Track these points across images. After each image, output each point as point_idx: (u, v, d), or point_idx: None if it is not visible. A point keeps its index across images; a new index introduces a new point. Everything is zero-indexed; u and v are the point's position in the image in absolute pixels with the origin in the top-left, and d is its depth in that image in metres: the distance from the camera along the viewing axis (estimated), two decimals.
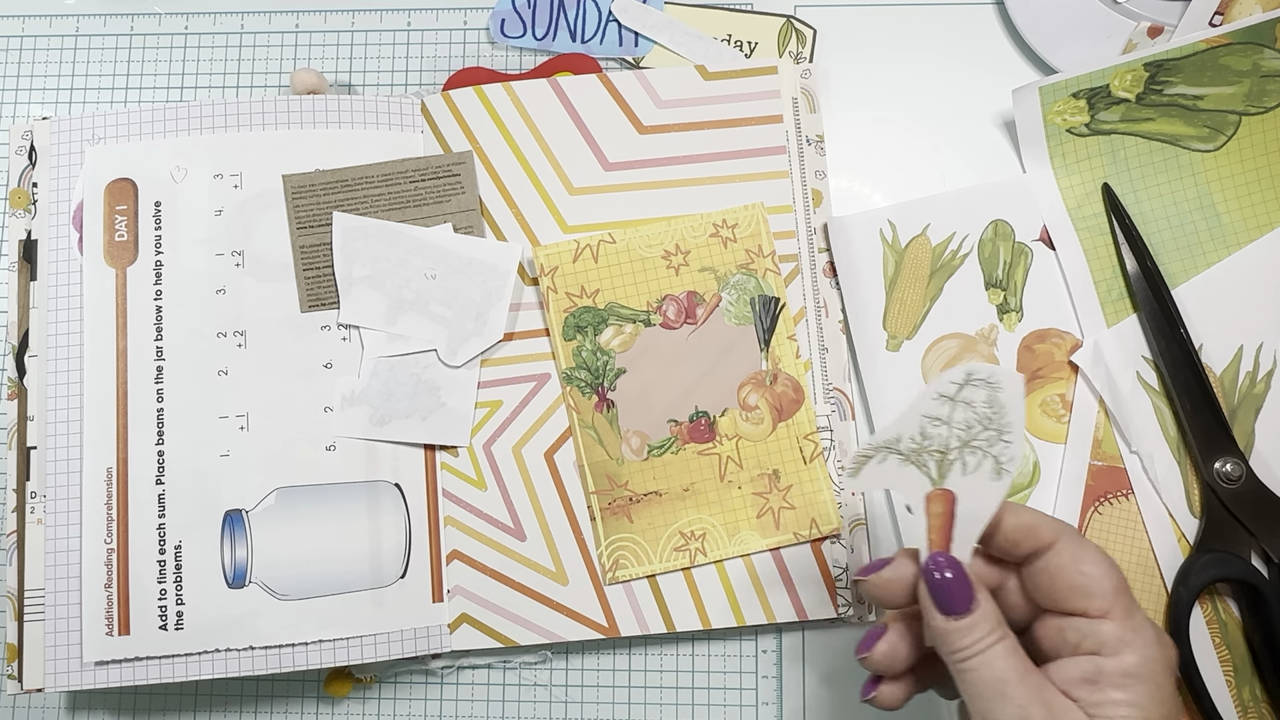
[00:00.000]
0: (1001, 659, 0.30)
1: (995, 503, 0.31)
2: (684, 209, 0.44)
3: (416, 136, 0.46)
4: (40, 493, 0.43)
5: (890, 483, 0.33)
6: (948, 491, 0.32)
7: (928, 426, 0.32)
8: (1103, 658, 0.30)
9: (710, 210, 0.44)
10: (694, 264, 0.44)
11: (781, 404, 0.43)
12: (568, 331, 0.44)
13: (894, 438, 0.32)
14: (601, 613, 0.43)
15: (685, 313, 0.43)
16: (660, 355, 0.43)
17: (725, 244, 0.44)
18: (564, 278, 0.44)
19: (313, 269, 0.44)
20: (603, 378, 0.43)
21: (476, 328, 0.44)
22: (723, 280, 0.44)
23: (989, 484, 0.31)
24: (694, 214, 0.44)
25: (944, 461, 0.32)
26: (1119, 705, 0.29)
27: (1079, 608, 0.31)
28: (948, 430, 0.32)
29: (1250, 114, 0.43)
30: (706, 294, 0.44)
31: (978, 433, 0.32)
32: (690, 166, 0.45)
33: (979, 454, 0.31)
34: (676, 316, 0.43)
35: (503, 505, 0.44)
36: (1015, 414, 0.31)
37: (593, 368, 0.43)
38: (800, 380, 0.43)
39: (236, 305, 0.44)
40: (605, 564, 0.42)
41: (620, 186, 0.45)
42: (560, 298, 0.44)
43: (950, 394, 0.32)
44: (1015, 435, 0.31)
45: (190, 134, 0.45)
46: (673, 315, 0.43)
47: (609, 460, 0.43)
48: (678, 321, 0.43)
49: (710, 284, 0.44)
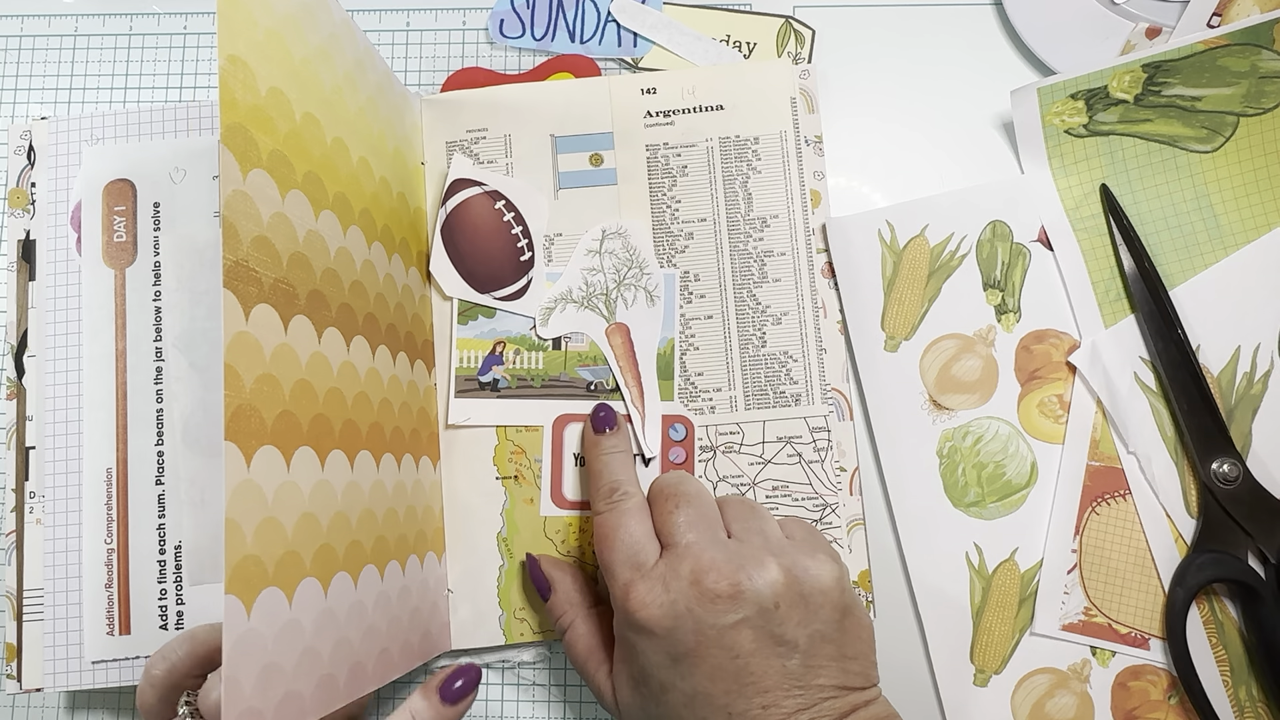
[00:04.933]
0: (574, 631, 0.39)
1: (657, 325, 0.43)
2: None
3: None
4: (39, 493, 0.43)
5: (576, 326, 0.43)
6: (621, 325, 0.42)
7: (588, 276, 0.43)
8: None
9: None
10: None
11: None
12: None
13: (566, 290, 0.43)
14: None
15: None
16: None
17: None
18: None
19: None
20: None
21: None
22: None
23: (648, 310, 0.43)
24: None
25: (609, 301, 0.43)
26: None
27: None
28: (604, 276, 0.43)
29: (1248, 115, 0.43)
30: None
31: (625, 272, 0.43)
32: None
33: (633, 289, 0.43)
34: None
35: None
36: (647, 251, 0.43)
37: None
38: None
39: None
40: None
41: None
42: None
43: (595, 249, 0.43)
44: (653, 266, 0.43)
45: (190, 134, 0.45)
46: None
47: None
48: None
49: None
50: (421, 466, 0.41)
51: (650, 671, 0.34)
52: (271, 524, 0.29)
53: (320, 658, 0.31)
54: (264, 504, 0.29)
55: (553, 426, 0.43)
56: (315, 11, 0.35)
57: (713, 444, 0.43)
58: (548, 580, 0.41)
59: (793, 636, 0.33)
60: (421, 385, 0.42)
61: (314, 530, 0.31)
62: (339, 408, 0.34)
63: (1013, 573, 0.43)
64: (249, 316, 0.29)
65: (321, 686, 0.31)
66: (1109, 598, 0.42)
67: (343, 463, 0.34)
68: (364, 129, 0.38)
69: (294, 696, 0.29)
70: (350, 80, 0.37)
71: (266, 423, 0.29)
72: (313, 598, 0.31)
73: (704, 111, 0.46)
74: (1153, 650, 0.42)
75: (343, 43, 0.37)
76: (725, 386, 0.44)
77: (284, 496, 0.30)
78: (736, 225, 0.45)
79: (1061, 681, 0.42)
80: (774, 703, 0.32)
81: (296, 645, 0.30)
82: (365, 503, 0.35)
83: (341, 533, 0.33)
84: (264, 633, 0.28)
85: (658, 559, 0.35)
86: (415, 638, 0.39)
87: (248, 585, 0.27)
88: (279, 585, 0.29)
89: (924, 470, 0.43)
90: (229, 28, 0.29)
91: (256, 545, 0.28)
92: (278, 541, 0.29)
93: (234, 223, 0.29)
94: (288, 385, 0.30)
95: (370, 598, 0.35)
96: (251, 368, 0.29)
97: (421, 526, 0.41)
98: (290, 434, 0.30)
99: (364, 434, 0.35)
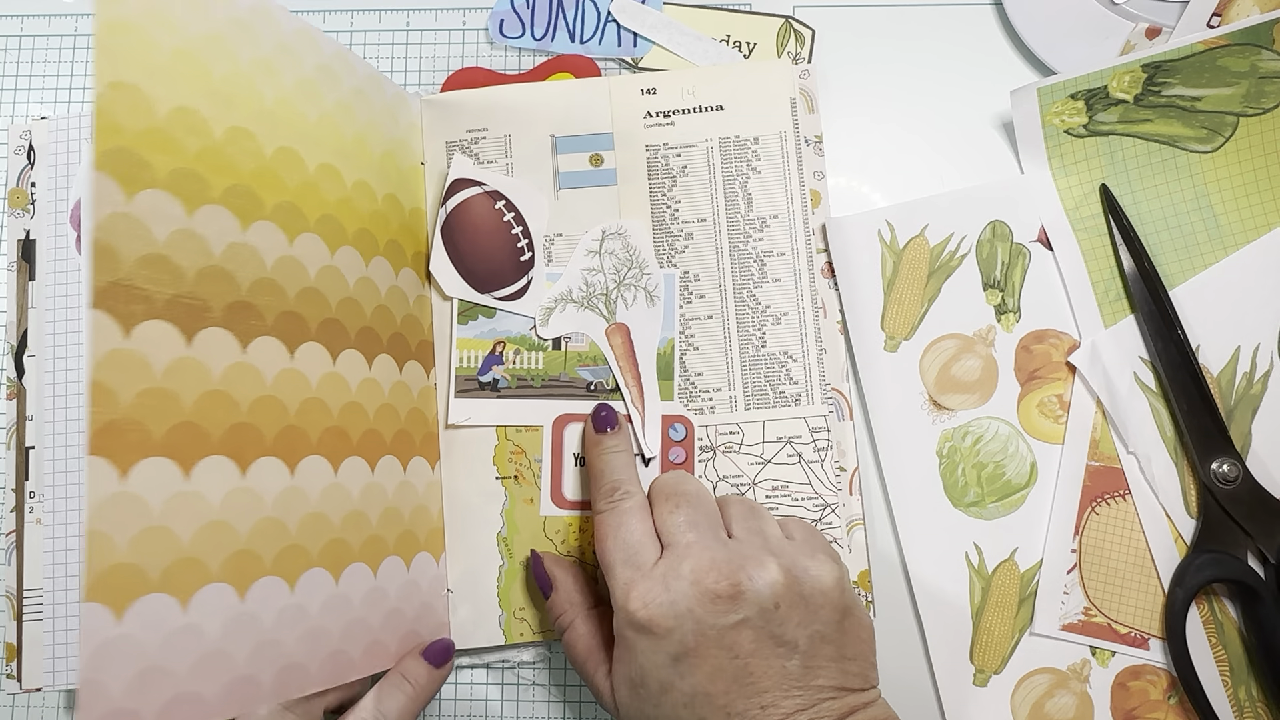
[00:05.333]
0: (573, 631, 0.39)
1: (657, 325, 0.43)
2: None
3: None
4: (39, 492, 0.43)
5: (576, 326, 0.43)
6: (621, 325, 0.42)
7: (589, 277, 0.43)
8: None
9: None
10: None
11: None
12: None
13: (566, 290, 0.43)
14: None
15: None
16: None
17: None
18: None
19: None
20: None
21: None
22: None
23: (647, 310, 0.43)
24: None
25: (609, 301, 0.42)
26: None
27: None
28: (604, 277, 0.43)
29: (1248, 115, 0.43)
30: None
31: (625, 272, 0.42)
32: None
33: (633, 289, 0.43)
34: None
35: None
36: (647, 251, 0.43)
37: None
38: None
39: None
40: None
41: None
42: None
43: (595, 249, 0.43)
44: (653, 267, 0.43)
45: None
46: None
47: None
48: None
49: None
50: (412, 467, 0.41)
51: (649, 671, 0.34)
52: (158, 533, 0.30)
53: (232, 660, 0.32)
54: (147, 514, 0.30)
55: (553, 426, 0.43)
56: (253, 27, 0.36)
57: (712, 444, 0.43)
58: (549, 578, 0.41)
59: (792, 637, 0.33)
60: (416, 386, 0.42)
61: (225, 537, 0.32)
62: (273, 415, 0.35)
63: (1012, 573, 0.43)
64: (130, 334, 0.30)
65: (236, 688, 0.32)
66: (1109, 598, 0.42)
67: (279, 469, 0.35)
68: (326, 136, 0.39)
69: (188, 698, 0.31)
70: (306, 89, 0.38)
71: (154, 435, 0.30)
72: (221, 603, 0.32)
73: (704, 112, 0.46)
74: (1152, 650, 0.42)
75: (296, 53, 0.38)
76: (725, 386, 0.44)
77: (179, 506, 0.31)
78: (736, 225, 0.45)
79: (1061, 681, 0.42)
80: (773, 703, 0.32)
81: (194, 649, 0.31)
82: (312, 507, 0.36)
83: (270, 539, 0.34)
84: (142, 638, 0.29)
85: (658, 559, 0.35)
86: (393, 640, 0.39)
87: (118, 592, 0.29)
88: (169, 591, 0.30)
89: (924, 470, 0.44)
90: (111, 55, 0.30)
91: (133, 554, 0.29)
92: (166, 550, 0.30)
93: (111, 245, 0.29)
94: (190, 397, 0.32)
95: (316, 602, 0.36)
96: (133, 383, 0.30)
97: (408, 528, 0.41)
98: (192, 445, 0.31)
99: (315, 439, 0.36)
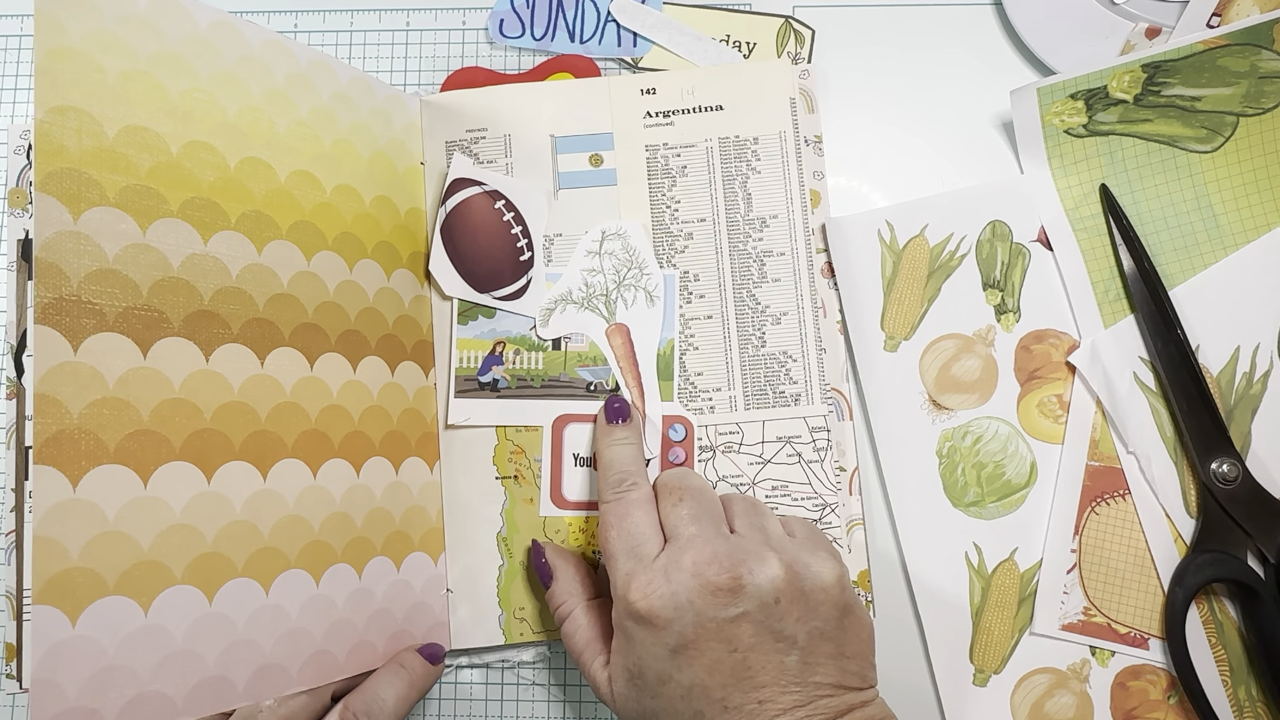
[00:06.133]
0: (573, 621, 0.39)
1: (657, 326, 0.43)
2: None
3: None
4: None
5: (576, 326, 0.43)
6: (621, 325, 0.42)
7: (588, 277, 0.43)
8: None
9: None
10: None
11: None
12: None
13: (566, 291, 0.43)
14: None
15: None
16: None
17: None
18: None
19: None
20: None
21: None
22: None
23: (647, 311, 0.43)
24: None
25: (609, 301, 0.42)
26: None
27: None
28: (604, 277, 0.43)
29: (1248, 115, 0.43)
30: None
31: (625, 272, 0.42)
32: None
33: (633, 289, 0.42)
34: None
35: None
36: (646, 251, 0.43)
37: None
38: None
39: None
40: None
41: None
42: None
43: (595, 249, 0.43)
44: (652, 267, 0.43)
45: None
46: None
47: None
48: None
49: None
50: (406, 468, 0.41)
51: (648, 663, 0.34)
52: (113, 538, 0.31)
53: (201, 661, 0.33)
54: (101, 520, 0.31)
55: (552, 427, 0.43)
56: (213, 44, 0.36)
57: (712, 444, 0.43)
58: (550, 568, 0.41)
59: (792, 633, 0.33)
60: (412, 387, 0.42)
61: (190, 541, 0.33)
62: (242, 421, 0.35)
63: (1012, 572, 0.43)
64: (79, 348, 0.31)
65: (206, 687, 0.33)
66: (1108, 597, 0.42)
67: (249, 474, 0.35)
68: (301, 144, 0.39)
69: (153, 697, 0.32)
70: (277, 99, 0.38)
71: (108, 444, 0.31)
72: (186, 605, 0.33)
73: (704, 112, 0.46)
74: (1152, 650, 0.42)
75: (266, 64, 0.38)
76: (725, 386, 0.44)
77: (137, 512, 0.32)
78: (736, 225, 0.45)
79: (1061, 681, 0.42)
80: (770, 698, 0.32)
81: (158, 650, 0.32)
82: (288, 510, 0.36)
83: (240, 542, 0.35)
84: (100, 639, 0.31)
85: (660, 550, 0.35)
86: (380, 641, 0.39)
87: (72, 596, 0.30)
88: (128, 594, 0.31)
89: (923, 470, 0.44)
90: (53, 81, 0.31)
91: (88, 559, 0.30)
92: (124, 554, 0.31)
93: (55, 263, 0.31)
94: (147, 407, 0.33)
95: (295, 604, 0.36)
96: (83, 394, 0.31)
97: (399, 529, 0.41)
98: (150, 452, 0.32)
99: (290, 444, 0.37)
